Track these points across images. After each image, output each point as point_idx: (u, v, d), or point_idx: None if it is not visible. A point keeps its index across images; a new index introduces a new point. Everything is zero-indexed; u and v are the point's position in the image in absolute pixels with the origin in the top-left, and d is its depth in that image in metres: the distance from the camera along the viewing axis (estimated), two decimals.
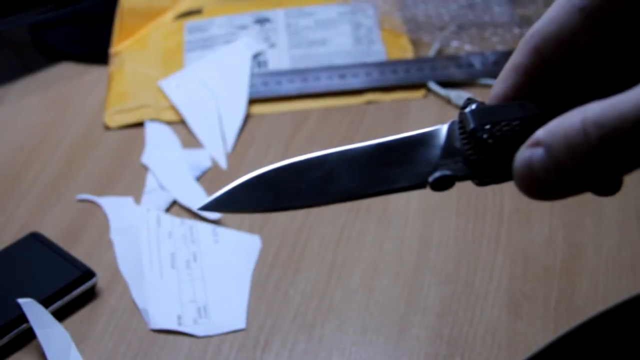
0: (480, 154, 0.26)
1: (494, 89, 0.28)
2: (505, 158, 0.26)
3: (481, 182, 0.27)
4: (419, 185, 0.27)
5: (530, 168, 0.24)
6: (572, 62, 0.26)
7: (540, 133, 0.24)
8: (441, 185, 0.27)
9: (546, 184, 0.24)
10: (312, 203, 0.27)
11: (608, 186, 0.26)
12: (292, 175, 0.27)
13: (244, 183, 0.28)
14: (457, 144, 0.27)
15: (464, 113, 0.26)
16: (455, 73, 0.56)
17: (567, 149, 0.23)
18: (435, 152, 0.27)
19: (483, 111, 0.26)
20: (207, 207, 0.28)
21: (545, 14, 0.26)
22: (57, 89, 0.59)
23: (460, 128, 0.27)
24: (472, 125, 0.26)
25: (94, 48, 0.62)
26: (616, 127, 0.22)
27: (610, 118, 0.22)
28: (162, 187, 0.50)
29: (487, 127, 0.26)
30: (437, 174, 0.27)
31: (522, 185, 0.25)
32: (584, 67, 0.27)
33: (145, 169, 0.52)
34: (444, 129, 0.27)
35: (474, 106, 0.26)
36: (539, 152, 0.24)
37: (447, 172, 0.27)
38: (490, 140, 0.26)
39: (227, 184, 0.55)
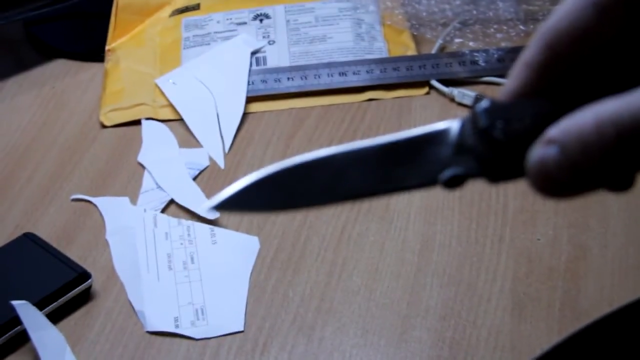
0: (493, 152, 0.26)
1: (507, 85, 0.28)
2: (518, 156, 0.25)
3: (493, 180, 0.26)
4: (430, 183, 0.27)
5: (544, 166, 0.24)
6: (585, 57, 0.26)
7: (554, 131, 0.24)
8: (453, 183, 0.26)
9: (560, 182, 0.24)
10: (322, 202, 0.27)
11: (621, 183, 0.26)
12: (302, 174, 0.27)
13: (254, 183, 0.27)
14: (469, 141, 0.26)
15: (476, 111, 0.26)
16: (458, 70, 0.56)
17: (582, 147, 0.23)
18: (447, 149, 0.27)
19: (495, 109, 0.26)
20: (217, 207, 0.27)
21: (558, 9, 0.26)
22: (51, 87, 0.59)
23: (472, 126, 0.26)
24: (484, 123, 0.26)
25: (89, 45, 0.62)
26: (630, 125, 0.22)
27: (624, 116, 0.22)
28: (158, 187, 0.50)
29: (500, 125, 0.26)
30: (448, 173, 0.26)
31: (535, 183, 0.25)
32: (598, 62, 0.26)
33: (141, 168, 0.52)
34: (455, 125, 0.27)
35: (485, 103, 0.26)
36: (552, 150, 0.24)
37: (458, 171, 0.26)
38: (502, 139, 0.25)
39: (226, 183, 0.55)
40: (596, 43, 0.26)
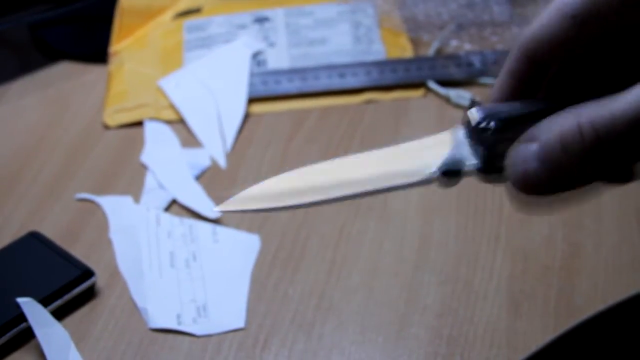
0: (484, 147, 0.27)
1: (492, 95, 0.28)
2: (507, 149, 0.26)
3: (486, 176, 0.28)
4: (426, 181, 0.28)
5: (525, 163, 0.25)
6: (567, 65, 0.27)
7: (535, 129, 0.25)
8: (449, 177, 0.28)
9: (539, 178, 0.25)
10: (318, 201, 0.28)
11: (619, 176, 0.27)
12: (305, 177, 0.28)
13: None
14: (463, 138, 0.27)
15: (469, 110, 0.27)
16: (454, 72, 0.56)
17: (562, 146, 0.24)
18: (444, 151, 0.28)
19: (486, 107, 0.27)
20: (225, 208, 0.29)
21: (538, 19, 0.27)
22: (56, 88, 0.59)
23: (465, 126, 0.27)
24: (476, 119, 0.27)
25: (93, 47, 0.62)
26: (609, 128, 0.23)
27: (603, 118, 0.23)
28: (161, 186, 0.50)
29: (490, 118, 0.27)
30: (444, 167, 0.28)
31: (515, 180, 0.26)
32: (579, 69, 0.27)
33: (144, 168, 0.52)
34: (451, 133, 0.28)
35: (477, 105, 0.27)
36: (533, 147, 0.25)
37: (453, 159, 0.28)
38: (493, 127, 0.27)
39: (227, 183, 0.55)
40: (575, 51, 0.26)
